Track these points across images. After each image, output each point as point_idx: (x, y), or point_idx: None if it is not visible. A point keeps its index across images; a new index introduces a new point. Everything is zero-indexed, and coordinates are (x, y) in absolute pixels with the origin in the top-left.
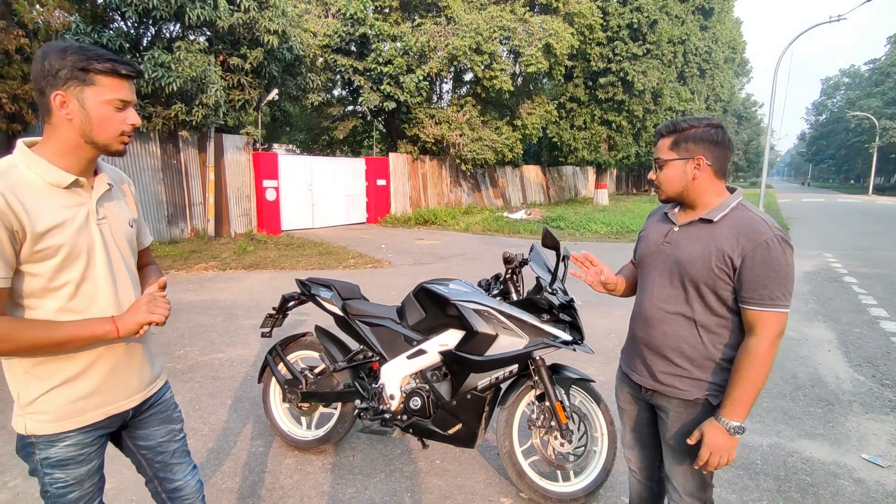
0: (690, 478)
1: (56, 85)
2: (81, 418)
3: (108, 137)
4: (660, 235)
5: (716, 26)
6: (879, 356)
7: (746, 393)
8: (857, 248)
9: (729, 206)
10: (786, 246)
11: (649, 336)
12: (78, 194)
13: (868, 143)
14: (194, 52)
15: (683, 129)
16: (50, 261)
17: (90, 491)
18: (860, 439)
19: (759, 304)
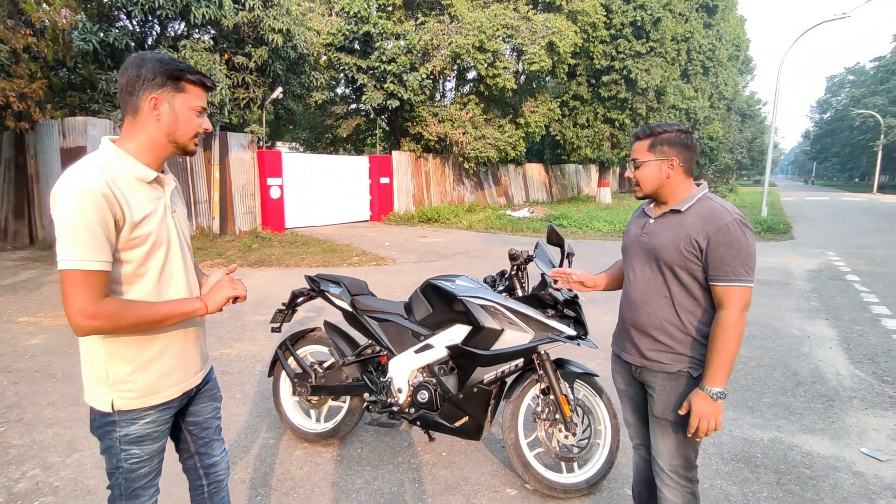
0: (677, 455)
1: (151, 89)
2: (162, 395)
3: (186, 138)
4: (638, 228)
5: (719, 24)
6: (880, 353)
7: (723, 361)
8: (861, 247)
9: (695, 197)
10: (745, 228)
11: (636, 317)
12: (156, 189)
13: (873, 142)
14: (200, 50)
15: (659, 133)
16: (140, 248)
17: (156, 467)
18: (860, 434)
19: (724, 280)
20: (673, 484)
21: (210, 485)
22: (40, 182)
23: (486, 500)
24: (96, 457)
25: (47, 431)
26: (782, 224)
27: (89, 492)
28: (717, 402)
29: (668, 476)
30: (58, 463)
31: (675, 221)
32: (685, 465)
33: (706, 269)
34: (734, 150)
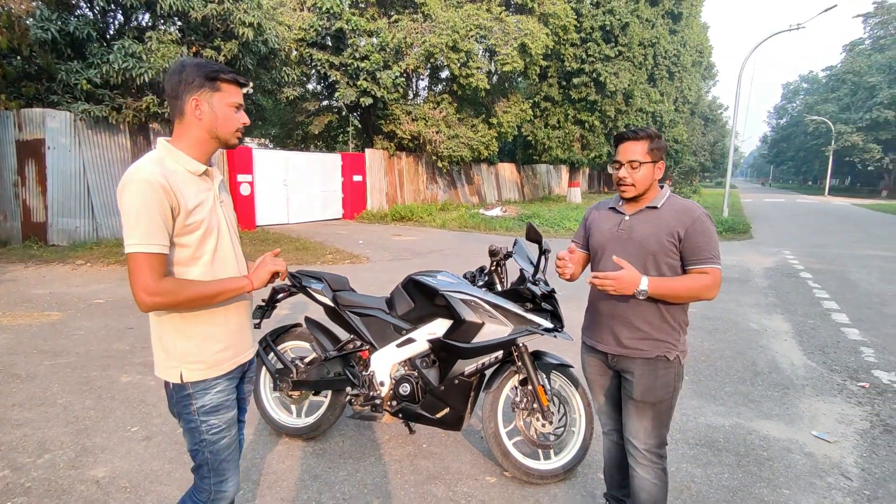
0: (652, 435)
1: (192, 91)
2: (224, 366)
3: (228, 133)
4: (613, 225)
5: (684, 31)
6: (830, 345)
7: (669, 285)
8: (813, 246)
9: (665, 195)
10: (711, 220)
11: (615, 308)
12: (206, 181)
13: (825, 147)
14: (167, 42)
15: (655, 136)
16: (195, 233)
17: (234, 438)
18: (811, 419)
19: (704, 263)
20: (647, 463)
21: None
22: None
23: (467, 489)
24: (69, 456)
25: (15, 432)
26: (742, 224)
27: (63, 491)
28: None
29: (643, 455)
30: (28, 463)
31: (652, 216)
32: (659, 445)
33: (683, 256)
34: (697, 153)
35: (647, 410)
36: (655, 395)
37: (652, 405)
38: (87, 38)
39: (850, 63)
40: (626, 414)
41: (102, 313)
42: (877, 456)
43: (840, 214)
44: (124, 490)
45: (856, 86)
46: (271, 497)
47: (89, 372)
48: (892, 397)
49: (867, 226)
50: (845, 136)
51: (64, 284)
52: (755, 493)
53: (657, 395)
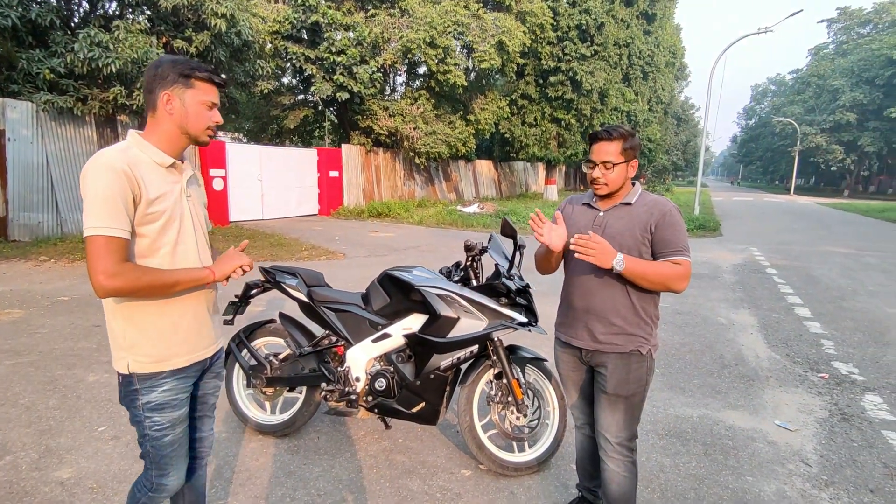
0: (624, 429)
1: (165, 86)
2: (174, 362)
3: (198, 130)
4: (587, 221)
5: (658, 31)
6: (793, 338)
7: (645, 267)
8: (779, 243)
9: (638, 192)
10: (680, 214)
11: (590, 303)
12: (173, 174)
13: (791, 147)
14: (135, 32)
15: (630, 136)
16: (155, 223)
17: (180, 437)
18: (774, 408)
19: (675, 254)
20: (617, 456)
21: (192, 459)
22: None
23: (443, 482)
24: (32, 457)
25: None
26: (712, 222)
27: (27, 493)
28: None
29: (614, 448)
30: None
31: (626, 212)
32: (629, 438)
33: (654, 248)
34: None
35: (619, 404)
36: (628, 389)
37: (625, 399)
38: (49, 25)
39: (815, 66)
40: (598, 408)
41: (67, 311)
42: (834, 443)
43: (804, 213)
44: (91, 491)
45: (820, 89)
46: (244, 495)
47: (53, 371)
48: (849, 387)
49: (829, 224)
50: (810, 137)
51: (26, 281)
52: (721, 480)
53: (630, 389)
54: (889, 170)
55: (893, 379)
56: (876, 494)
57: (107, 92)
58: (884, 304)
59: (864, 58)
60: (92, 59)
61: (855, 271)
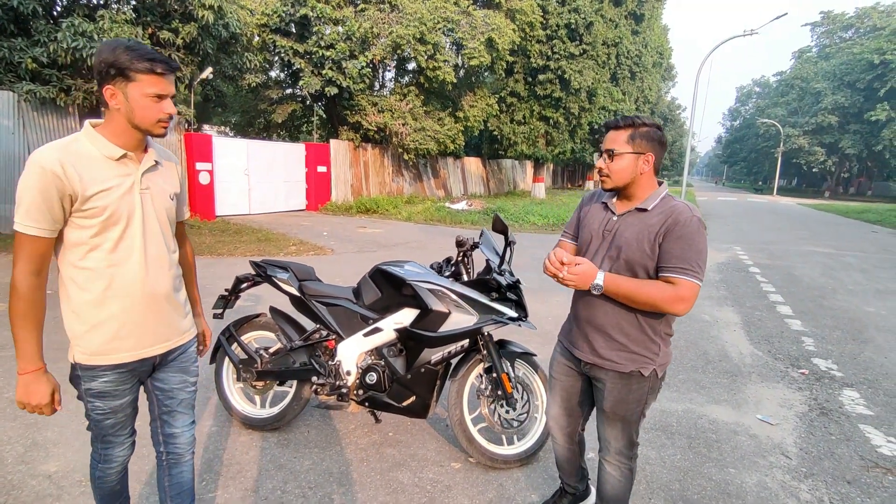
0: (621, 438)
1: (107, 80)
2: (113, 357)
3: (148, 124)
4: (600, 224)
5: (645, 32)
6: (775, 335)
7: (627, 286)
8: (762, 243)
9: (659, 195)
10: (701, 226)
11: (592, 315)
12: (126, 166)
13: (774, 149)
14: (120, 22)
15: (639, 125)
16: (96, 218)
17: (122, 420)
18: (756, 403)
19: (675, 272)
20: (615, 461)
21: (168, 454)
22: None
23: (433, 475)
24: (18, 451)
25: None
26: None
27: (13, 486)
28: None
29: (613, 455)
30: None
31: (639, 219)
32: (629, 446)
33: (659, 261)
34: None
35: (616, 421)
36: (626, 409)
37: (622, 417)
38: (32, 14)
39: (799, 69)
40: (598, 417)
41: (50, 304)
42: (813, 436)
43: (787, 213)
44: (79, 484)
45: (803, 91)
46: (235, 488)
47: None
48: (828, 383)
49: (810, 224)
50: (793, 138)
51: (7, 274)
52: (704, 472)
53: (627, 410)
54: (868, 172)
55: (870, 375)
56: (853, 486)
57: (91, 83)
58: (862, 302)
59: (846, 61)
60: (76, 49)
61: (835, 270)
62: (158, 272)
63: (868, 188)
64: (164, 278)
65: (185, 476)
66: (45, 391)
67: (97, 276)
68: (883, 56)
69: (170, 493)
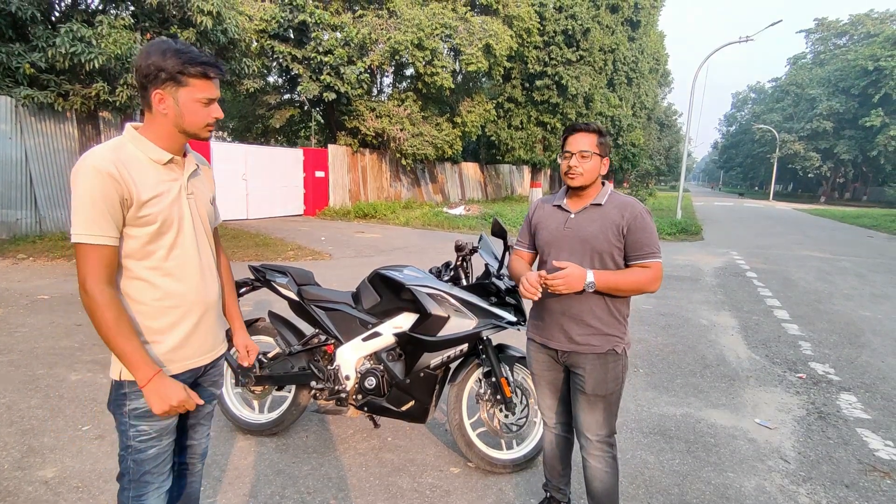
0: (603, 426)
1: (156, 84)
2: (169, 367)
3: (196, 128)
4: (559, 223)
5: (642, 38)
6: (772, 339)
7: (615, 279)
8: (758, 248)
9: (608, 193)
10: (650, 215)
11: (567, 306)
12: (173, 171)
13: (770, 154)
14: (119, 27)
15: (604, 133)
16: (148, 227)
17: (166, 449)
18: (754, 407)
19: (646, 258)
20: (598, 453)
21: (181, 464)
22: None
23: (432, 479)
24: (14, 457)
25: None
26: (694, 226)
27: (10, 493)
28: (584, 282)
29: (595, 446)
30: None
31: (598, 214)
32: (609, 434)
33: (626, 251)
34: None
35: (598, 403)
36: (606, 388)
37: (603, 398)
38: (30, 19)
39: (794, 75)
40: (576, 408)
41: (48, 309)
42: (811, 440)
43: (783, 218)
44: (76, 490)
45: (798, 97)
46: (233, 493)
47: (34, 370)
48: (826, 387)
49: (806, 229)
50: (788, 144)
51: (3, 279)
52: (703, 476)
53: (608, 388)
54: (864, 177)
55: (868, 379)
56: (851, 489)
57: (89, 88)
58: (858, 307)
59: (841, 68)
60: (74, 54)
61: (831, 275)
62: (210, 279)
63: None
64: (215, 285)
65: (193, 486)
66: (178, 387)
67: (150, 285)
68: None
69: (178, 502)
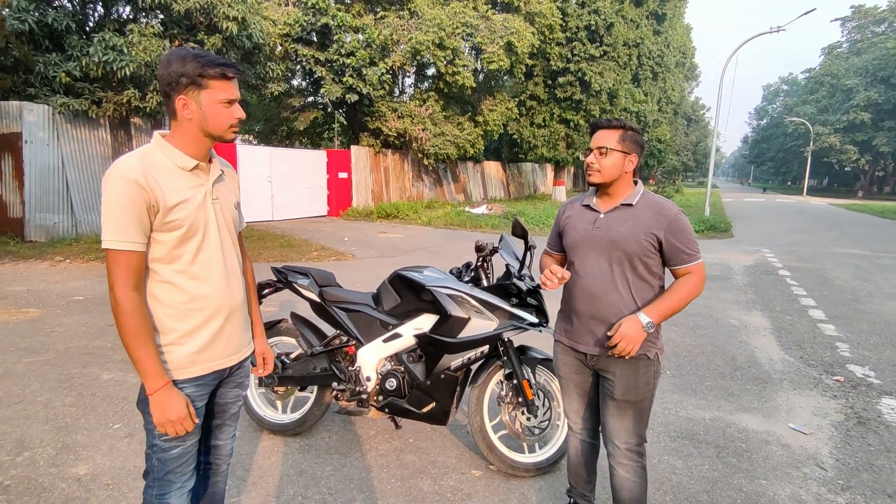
0: (633, 434)
1: (179, 90)
2: (194, 369)
3: (220, 130)
4: (587, 223)
5: (668, 31)
6: (807, 340)
7: (668, 305)
8: (791, 245)
9: (639, 193)
10: (685, 216)
11: (596, 308)
12: (198, 176)
13: (803, 148)
14: (148, 35)
15: (628, 128)
16: (174, 232)
17: (190, 450)
18: (788, 411)
19: (687, 262)
20: (627, 461)
21: (207, 464)
22: None
23: (453, 482)
24: (49, 453)
25: None
26: (723, 223)
27: (44, 489)
28: (644, 331)
29: (623, 454)
30: (7, 461)
31: (628, 215)
32: (639, 443)
33: (666, 258)
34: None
35: (628, 409)
36: (637, 394)
37: (633, 404)
38: (65, 29)
39: (829, 66)
40: (605, 414)
41: (82, 310)
42: (850, 447)
43: (817, 214)
44: (106, 487)
45: (833, 88)
46: (257, 493)
47: (69, 369)
48: (865, 391)
49: (843, 225)
50: (823, 137)
51: (42, 281)
52: (734, 483)
53: (639, 394)
54: None
55: None
56: (894, 499)
57: (120, 95)
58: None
59: (879, 56)
60: (106, 62)
61: (870, 273)
62: (235, 282)
63: None
64: (240, 288)
65: (219, 486)
66: (181, 403)
67: (177, 288)
68: None
69: (203, 502)
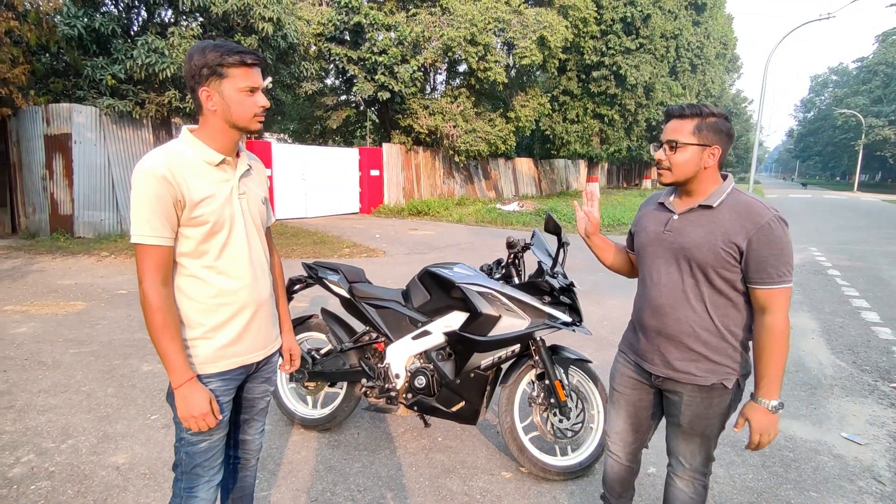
0: (698, 455)
1: (201, 83)
2: (221, 364)
3: (245, 120)
4: (658, 224)
5: (708, 22)
6: (860, 344)
7: (776, 370)
8: (841, 243)
9: (725, 191)
10: (784, 224)
11: (663, 324)
12: (225, 171)
13: (854, 141)
14: (188, 38)
15: (706, 115)
16: (201, 227)
17: (217, 444)
18: (840, 419)
19: (768, 283)
20: (688, 478)
21: (237, 459)
22: (23, 169)
23: (483, 483)
24: (91, 442)
25: (40, 418)
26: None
27: (85, 476)
28: (775, 414)
29: (686, 471)
30: (52, 448)
31: (706, 218)
32: (705, 463)
33: (746, 271)
34: None
35: (693, 437)
36: (706, 425)
37: (700, 433)
38: (111, 34)
39: (884, 53)
40: (669, 433)
41: (125, 303)
42: None
43: (869, 211)
44: (144, 476)
45: (889, 77)
46: (287, 487)
47: (112, 361)
48: None
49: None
50: (876, 129)
51: (89, 275)
52: (781, 495)
53: (708, 425)
54: None
55: None
56: None
57: (162, 96)
58: None
59: None
60: (149, 64)
61: None
62: (262, 277)
63: None
64: (267, 283)
65: (248, 480)
66: (204, 399)
67: (204, 283)
68: None
69: (232, 496)
